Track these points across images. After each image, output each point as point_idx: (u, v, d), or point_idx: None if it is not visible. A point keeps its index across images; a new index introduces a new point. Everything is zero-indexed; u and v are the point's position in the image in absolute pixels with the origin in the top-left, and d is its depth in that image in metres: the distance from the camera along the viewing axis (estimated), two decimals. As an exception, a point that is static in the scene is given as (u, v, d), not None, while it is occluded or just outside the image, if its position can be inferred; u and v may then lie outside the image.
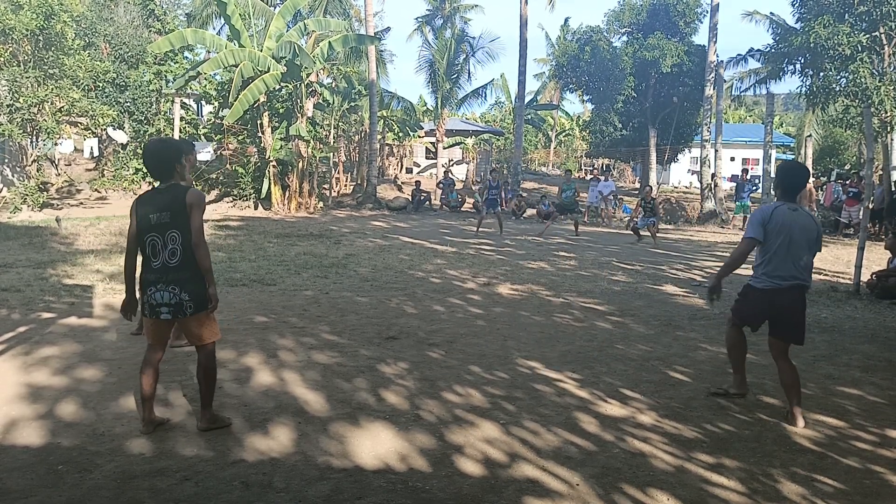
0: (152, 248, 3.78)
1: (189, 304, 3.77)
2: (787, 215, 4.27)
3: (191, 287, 3.77)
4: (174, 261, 3.75)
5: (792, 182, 4.43)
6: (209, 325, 3.89)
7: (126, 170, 20.76)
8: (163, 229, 3.75)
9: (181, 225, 3.75)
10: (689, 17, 27.71)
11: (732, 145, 35.37)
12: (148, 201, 3.86)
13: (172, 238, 3.75)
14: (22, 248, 10.95)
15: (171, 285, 3.74)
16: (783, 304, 4.32)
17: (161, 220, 3.76)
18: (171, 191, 3.83)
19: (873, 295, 8.64)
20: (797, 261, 4.28)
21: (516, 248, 13.26)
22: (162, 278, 3.75)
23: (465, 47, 30.08)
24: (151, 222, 3.77)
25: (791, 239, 4.24)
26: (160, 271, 3.76)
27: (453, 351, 5.72)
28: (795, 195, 4.42)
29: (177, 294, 3.75)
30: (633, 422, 4.24)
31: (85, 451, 3.66)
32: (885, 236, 14.29)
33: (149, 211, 3.80)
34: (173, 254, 3.75)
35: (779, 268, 4.27)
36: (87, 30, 20.88)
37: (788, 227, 4.25)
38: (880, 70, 16.49)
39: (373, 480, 3.40)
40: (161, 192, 3.86)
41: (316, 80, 20.99)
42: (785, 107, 51.91)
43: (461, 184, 28.44)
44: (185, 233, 3.74)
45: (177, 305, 3.76)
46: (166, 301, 3.76)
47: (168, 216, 3.75)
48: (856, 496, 3.36)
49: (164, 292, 3.75)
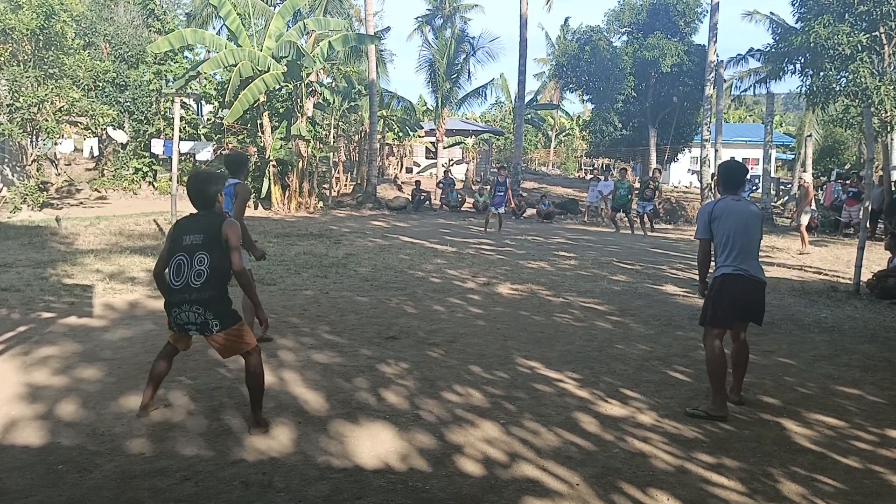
0: (177, 267, 3.89)
1: (214, 322, 3.87)
2: (731, 205, 4.46)
3: (214, 307, 3.87)
4: (198, 281, 3.83)
5: (732, 178, 4.62)
6: (241, 336, 3.98)
7: (126, 169, 20.76)
8: (192, 250, 3.88)
9: (211, 248, 3.88)
10: (689, 17, 27.73)
11: (732, 145, 35.32)
12: (185, 226, 4.02)
13: (200, 260, 3.86)
14: (22, 248, 10.95)
15: (194, 305, 3.84)
16: (750, 289, 4.43)
17: (193, 241, 3.90)
18: (208, 217, 4.03)
19: (873, 295, 8.64)
20: (752, 247, 4.44)
21: (516, 248, 13.26)
22: (186, 299, 3.84)
23: (465, 47, 30.07)
24: (183, 243, 3.92)
25: (742, 226, 4.39)
26: (182, 291, 3.85)
27: (453, 351, 5.72)
28: (737, 190, 4.61)
29: (202, 314, 3.85)
30: (633, 422, 4.24)
31: (85, 450, 3.66)
32: (884, 236, 14.29)
33: (183, 233, 3.96)
34: (199, 275, 3.84)
35: (738, 256, 4.38)
36: (87, 29, 20.88)
37: (735, 215, 4.41)
38: (880, 70, 16.48)
39: (373, 480, 3.40)
40: (199, 217, 4.05)
41: (316, 79, 20.98)
42: (785, 107, 51.91)
43: (461, 184, 28.43)
44: (213, 257, 3.86)
45: (202, 324, 3.87)
46: (192, 321, 3.87)
47: (200, 238, 3.90)
48: (856, 496, 3.36)
49: (190, 313, 3.85)
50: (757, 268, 4.47)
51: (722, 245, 4.43)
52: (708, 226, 4.47)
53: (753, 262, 4.45)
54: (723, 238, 4.42)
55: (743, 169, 4.78)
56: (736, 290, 4.40)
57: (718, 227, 4.43)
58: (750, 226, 4.44)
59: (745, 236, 4.40)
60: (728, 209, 4.44)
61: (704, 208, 4.58)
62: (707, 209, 4.54)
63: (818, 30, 16.14)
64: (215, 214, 4.08)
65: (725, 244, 4.41)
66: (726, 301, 4.40)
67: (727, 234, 4.40)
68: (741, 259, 4.39)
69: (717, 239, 4.46)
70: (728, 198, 4.53)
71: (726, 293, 4.41)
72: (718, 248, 4.46)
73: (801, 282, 9.81)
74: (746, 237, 4.41)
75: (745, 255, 4.40)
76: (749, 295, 4.44)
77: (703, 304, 4.56)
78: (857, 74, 15.97)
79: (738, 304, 4.43)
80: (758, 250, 4.51)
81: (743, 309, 4.46)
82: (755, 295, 4.47)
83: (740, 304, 4.43)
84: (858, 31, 16.29)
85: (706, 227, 4.48)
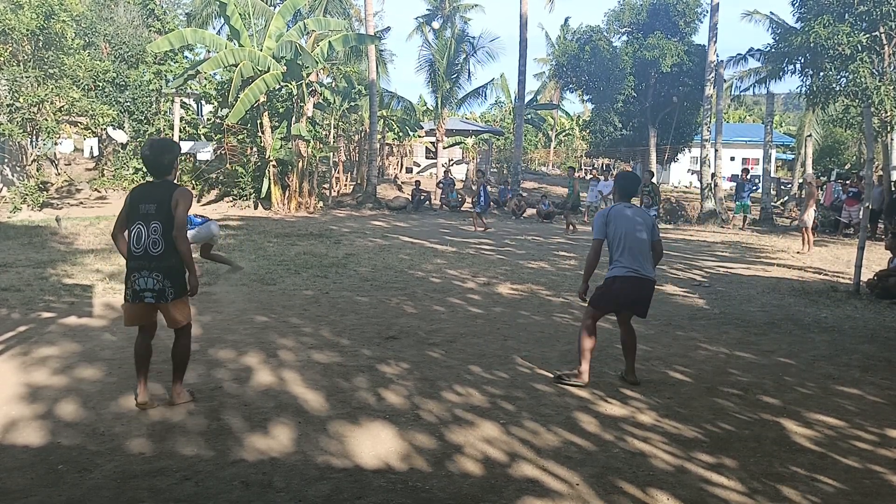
0: (137, 235, 4.08)
1: (171, 290, 4.08)
2: (623, 211, 4.96)
3: (173, 275, 4.08)
4: (157, 250, 4.04)
5: (626, 186, 5.20)
6: (185, 308, 4.23)
7: (126, 169, 20.73)
8: (147, 219, 4.06)
9: (165, 218, 4.04)
10: (689, 17, 27.69)
11: (732, 145, 35.35)
12: (141, 193, 4.19)
13: (154, 229, 4.04)
14: (22, 248, 10.95)
15: (154, 272, 4.05)
16: (638, 288, 4.88)
17: (148, 210, 4.07)
18: (162, 186, 4.17)
19: (873, 295, 8.64)
20: (641, 249, 4.86)
21: (516, 248, 13.26)
22: (146, 265, 4.05)
23: (465, 47, 30.05)
24: (140, 212, 4.10)
25: (628, 231, 4.86)
26: (143, 259, 4.06)
27: (453, 351, 5.72)
28: (630, 198, 5.16)
29: (160, 280, 4.05)
30: (633, 421, 4.24)
31: (85, 450, 3.66)
32: (884, 236, 14.29)
33: (139, 201, 4.12)
34: (155, 244, 4.04)
35: (626, 258, 4.85)
36: (87, 29, 20.87)
37: (625, 221, 4.89)
38: (880, 70, 16.48)
39: (373, 480, 3.40)
40: (154, 186, 4.22)
41: (316, 79, 20.97)
42: (785, 107, 51.90)
43: (461, 183, 28.43)
44: (168, 225, 4.03)
45: (160, 291, 4.07)
46: (150, 287, 4.06)
47: (154, 208, 4.07)
48: (856, 496, 3.36)
49: (149, 279, 4.05)
50: (648, 267, 4.89)
51: (612, 246, 4.93)
52: (603, 228, 4.96)
53: (644, 263, 4.88)
54: (614, 242, 4.91)
55: (638, 179, 5.65)
56: (624, 289, 4.89)
57: (610, 233, 4.93)
58: (633, 230, 4.89)
59: (630, 241, 4.86)
60: (621, 216, 4.93)
61: (601, 214, 5.09)
62: (604, 215, 5.03)
63: (818, 30, 16.14)
64: (169, 184, 4.20)
65: (614, 246, 4.91)
66: (612, 295, 4.92)
67: (617, 240, 4.88)
68: (631, 260, 4.85)
69: (610, 241, 4.95)
70: (620, 205, 5.05)
71: (614, 292, 4.91)
72: (611, 250, 4.95)
73: (801, 282, 9.81)
74: (632, 243, 4.86)
75: (630, 259, 4.85)
76: (636, 293, 4.91)
77: (596, 289, 5.05)
78: (857, 74, 15.97)
79: (622, 300, 4.94)
80: (646, 257, 4.90)
81: (632, 302, 4.95)
82: (643, 292, 4.92)
83: (626, 301, 4.94)
84: (858, 31, 16.29)
85: (602, 229, 4.96)
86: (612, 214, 4.98)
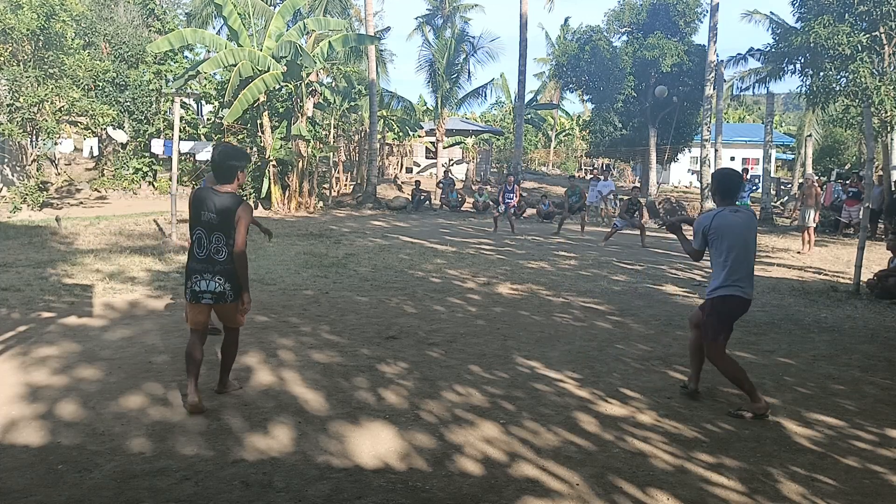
0: (198, 241, 4.24)
1: (230, 293, 4.25)
2: (730, 219, 4.39)
3: (233, 280, 4.24)
4: (219, 256, 4.20)
5: (729, 185, 4.53)
6: (241, 309, 4.40)
7: (126, 169, 20.73)
8: (209, 228, 4.21)
9: (227, 229, 4.19)
10: (689, 17, 27.67)
11: (732, 145, 35.35)
12: (204, 199, 4.25)
13: (218, 238, 4.20)
14: (22, 248, 10.94)
15: (217, 276, 4.22)
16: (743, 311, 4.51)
17: (210, 219, 4.20)
18: (226, 196, 4.24)
19: (873, 295, 8.64)
20: (749, 263, 4.44)
21: (516, 248, 13.26)
22: (210, 269, 4.21)
23: (465, 47, 30.05)
24: (202, 219, 4.23)
25: (736, 243, 4.36)
26: (205, 262, 4.22)
27: (453, 351, 5.72)
28: (734, 198, 4.51)
29: (221, 284, 4.22)
30: (633, 421, 4.24)
31: (85, 450, 3.66)
32: (885, 236, 14.29)
33: (202, 208, 4.23)
34: (218, 251, 4.21)
35: (736, 275, 4.37)
36: (87, 29, 20.85)
37: (732, 231, 4.36)
38: (880, 70, 16.47)
39: (373, 480, 3.40)
40: (218, 195, 4.25)
41: (316, 79, 20.97)
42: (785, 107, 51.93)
43: (461, 183, 28.43)
44: (230, 237, 4.19)
45: (220, 294, 4.23)
46: (211, 289, 4.22)
47: (217, 220, 4.19)
48: (856, 496, 3.36)
49: (211, 282, 4.22)
50: (752, 284, 4.50)
51: (721, 264, 4.40)
52: (702, 238, 4.46)
53: (750, 280, 4.48)
54: (722, 256, 4.38)
55: (739, 176, 4.76)
56: (738, 310, 4.48)
57: (717, 244, 4.38)
58: (749, 240, 4.44)
59: (745, 252, 4.40)
60: (726, 223, 4.38)
61: (701, 221, 4.51)
62: (701, 224, 4.48)
63: (818, 30, 16.13)
64: (232, 196, 4.25)
65: (725, 262, 4.37)
66: (729, 320, 4.49)
67: (727, 252, 4.36)
68: (745, 279, 4.41)
69: (716, 257, 4.43)
70: (725, 210, 4.45)
71: (730, 314, 4.47)
72: (718, 265, 4.43)
73: (801, 282, 9.81)
74: (746, 253, 4.41)
75: (746, 273, 4.42)
76: (741, 311, 4.53)
77: (709, 320, 4.48)
78: (857, 74, 15.96)
79: (734, 320, 4.56)
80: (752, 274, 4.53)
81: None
82: (744, 311, 4.57)
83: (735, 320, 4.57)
84: (858, 31, 16.29)
85: (700, 241, 4.49)
86: (715, 224, 4.38)
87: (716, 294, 4.43)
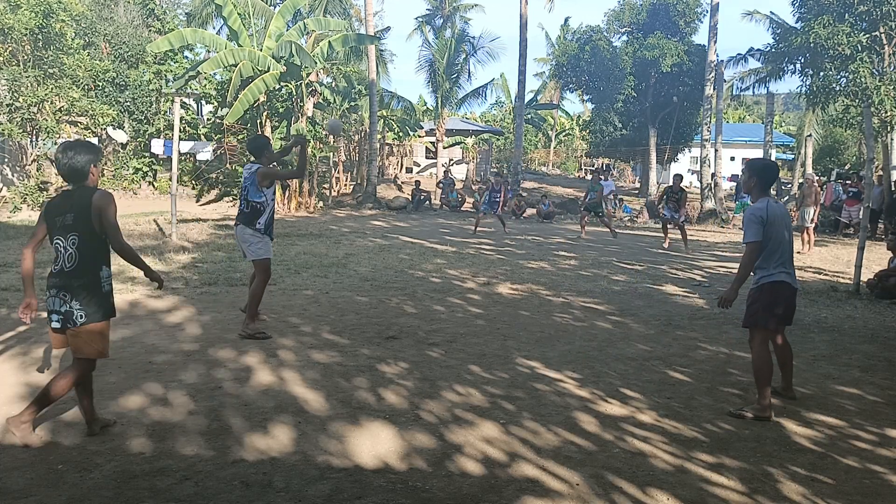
0: (56, 251, 3.69)
1: (80, 313, 3.61)
2: (776, 209, 4.45)
3: (83, 295, 3.61)
4: (70, 265, 3.63)
5: (768, 176, 4.58)
6: (98, 340, 3.71)
7: (126, 169, 20.76)
8: (65, 232, 3.64)
9: (82, 227, 3.63)
10: (689, 17, 27.70)
11: (732, 145, 35.39)
12: (57, 205, 3.73)
13: (73, 241, 3.63)
14: (22, 248, 10.93)
15: (61, 291, 3.62)
16: (792, 295, 4.51)
17: (65, 222, 3.65)
18: (79, 191, 3.69)
19: (873, 295, 8.64)
20: (792, 251, 4.51)
21: (516, 248, 13.26)
22: (56, 283, 3.65)
23: (465, 47, 30.08)
24: (57, 225, 3.68)
25: (780, 231, 4.43)
26: (57, 276, 3.66)
27: (453, 351, 5.72)
28: (770, 189, 4.61)
29: (66, 301, 3.61)
30: (633, 421, 4.24)
31: (85, 450, 3.66)
32: (885, 236, 14.28)
33: (55, 214, 3.69)
34: (70, 258, 3.64)
35: (786, 263, 4.45)
36: (87, 29, 20.89)
37: (779, 220, 4.43)
38: (880, 70, 16.49)
39: (373, 480, 3.40)
40: (71, 193, 3.72)
41: (316, 79, 20.97)
42: (785, 106, 51.92)
43: (461, 183, 28.44)
44: (85, 236, 3.63)
45: (66, 314, 3.62)
46: (56, 308, 3.65)
47: (71, 218, 3.64)
48: (856, 496, 3.36)
49: (56, 298, 3.64)
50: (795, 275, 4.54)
51: (770, 250, 4.40)
52: (760, 228, 4.35)
53: (794, 269, 4.53)
54: (774, 243, 4.40)
55: (778, 168, 4.86)
56: (787, 295, 4.48)
57: (771, 232, 4.37)
58: (789, 228, 4.52)
59: (788, 240, 4.47)
60: (775, 213, 4.41)
61: (755, 211, 4.39)
62: (759, 213, 4.37)
63: (818, 30, 16.14)
64: (86, 188, 3.70)
65: (775, 249, 4.41)
66: (781, 307, 4.46)
67: (778, 240, 4.40)
68: (790, 265, 4.46)
69: (768, 244, 4.40)
70: (770, 200, 4.47)
71: (780, 299, 4.45)
72: (767, 252, 4.41)
73: (802, 282, 9.80)
74: (789, 241, 4.48)
75: (790, 260, 4.47)
76: (791, 300, 4.55)
77: (752, 307, 4.50)
78: (857, 74, 15.98)
79: (788, 309, 4.55)
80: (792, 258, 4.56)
81: (787, 313, 4.57)
82: (793, 300, 4.58)
83: (789, 310, 4.56)
84: (858, 31, 16.30)
85: (759, 231, 4.35)
86: (770, 214, 4.35)
87: (765, 281, 4.46)
